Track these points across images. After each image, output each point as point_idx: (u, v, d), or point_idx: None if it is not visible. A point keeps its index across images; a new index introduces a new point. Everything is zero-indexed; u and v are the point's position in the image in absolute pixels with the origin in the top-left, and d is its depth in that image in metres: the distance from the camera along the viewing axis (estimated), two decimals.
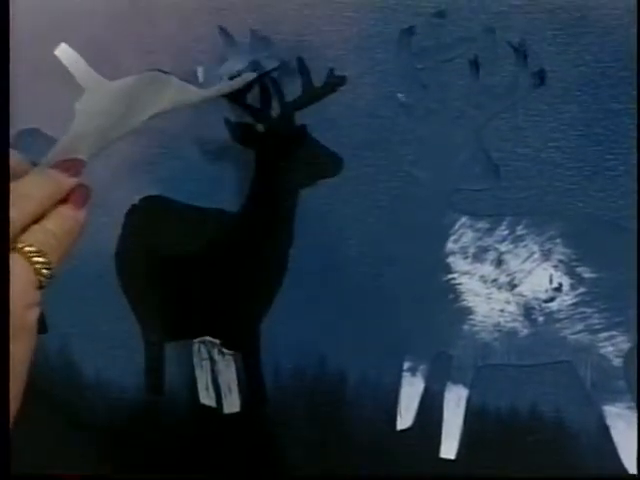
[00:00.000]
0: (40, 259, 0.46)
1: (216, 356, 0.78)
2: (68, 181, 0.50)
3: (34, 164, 0.50)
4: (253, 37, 0.72)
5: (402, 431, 0.76)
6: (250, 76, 0.70)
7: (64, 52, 0.51)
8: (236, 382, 0.78)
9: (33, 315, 0.46)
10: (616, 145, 0.70)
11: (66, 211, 0.49)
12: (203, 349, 0.78)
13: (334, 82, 0.72)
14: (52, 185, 0.49)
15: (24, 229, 0.46)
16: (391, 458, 0.76)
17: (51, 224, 0.48)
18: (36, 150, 0.51)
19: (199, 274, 0.78)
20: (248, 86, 0.72)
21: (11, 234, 0.45)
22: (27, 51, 0.72)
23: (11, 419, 0.46)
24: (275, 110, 0.74)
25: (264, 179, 0.75)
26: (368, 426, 0.76)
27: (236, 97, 0.73)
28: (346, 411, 0.76)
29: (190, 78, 0.63)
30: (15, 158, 0.49)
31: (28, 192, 0.47)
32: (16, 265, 0.45)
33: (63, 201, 0.49)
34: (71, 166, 0.50)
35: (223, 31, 0.73)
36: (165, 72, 0.57)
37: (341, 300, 0.75)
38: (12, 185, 0.47)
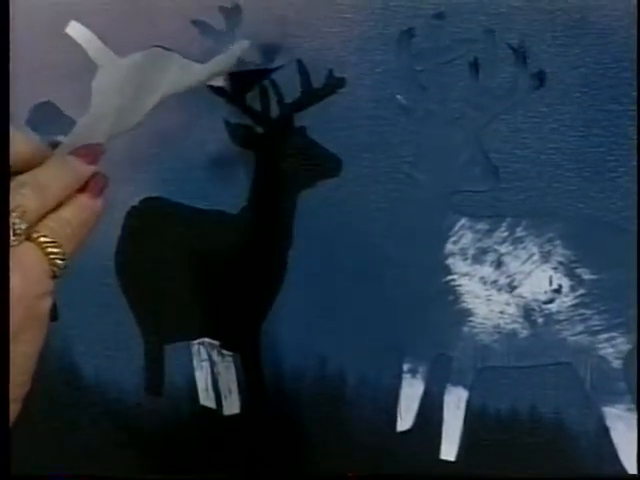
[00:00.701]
0: (55, 249, 0.46)
1: (216, 357, 0.78)
2: (86, 169, 0.49)
3: (53, 145, 0.50)
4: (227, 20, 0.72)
5: (402, 433, 0.75)
6: (244, 44, 0.69)
7: (75, 29, 0.51)
8: (236, 383, 0.78)
9: (46, 304, 0.46)
10: (616, 146, 0.70)
11: (83, 200, 0.49)
12: (203, 350, 0.78)
13: (333, 84, 0.72)
14: (71, 174, 0.48)
15: (40, 219, 0.46)
16: (391, 459, 0.76)
17: (67, 213, 0.47)
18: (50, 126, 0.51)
19: (198, 275, 0.78)
20: (248, 87, 0.73)
21: (27, 223, 0.44)
22: (27, 51, 0.73)
23: (19, 405, 0.46)
24: (274, 112, 0.74)
25: (263, 181, 0.75)
26: (368, 427, 0.76)
27: (235, 98, 0.73)
28: (346, 412, 0.76)
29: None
30: (33, 143, 0.49)
31: (47, 182, 0.46)
32: (30, 255, 0.45)
33: (80, 189, 0.49)
34: (90, 153, 0.50)
35: (200, 24, 0.73)
36: (167, 48, 0.57)
37: (341, 301, 0.75)
38: (31, 174, 0.47)
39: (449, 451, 0.75)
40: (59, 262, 0.46)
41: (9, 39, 0.51)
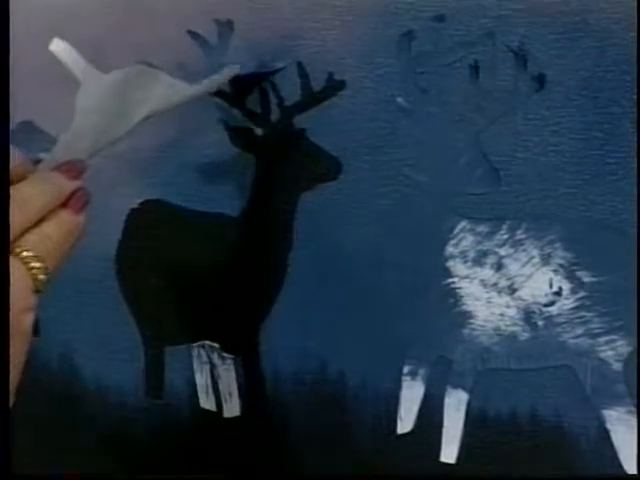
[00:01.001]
0: (37, 264, 0.46)
1: (216, 360, 0.78)
2: (69, 185, 0.50)
3: (36, 162, 0.50)
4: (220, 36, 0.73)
5: (402, 435, 0.75)
6: (234, 69, 0.69)
7: (58, 46, 0.51)
8: (236, 386, 0.78)
9: (29, 319, 0.46)
10: (616, 149, 0.70)
11: (65, 215, 0.49)
12: (203, 353, 0.78)
13: (333, 86, 0.72)
14: (54, 190, 0.49)
15: (22, 233, 0.46)
16: (391, 462, 0.76)
17: (49, 228, 0.48)
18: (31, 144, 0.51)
19: (199, 278, 0.78)
20: (247, 90, 0.73)
21: (10, 239, 0.45)
22: (27, 51, 0.73)
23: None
24: (274, 114, 0.74)
25: (263, 183, 0.75)
26: (368, 430, 0.76)
27: (235, 101, 0.73)
28: (346, 415, 0.76)
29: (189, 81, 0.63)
30: (19, 158, 0.49)
31: (30, 197, 0.47)
32: (13, 270, 0.45)
33: (63, 205, 0.49)
34: (73, 169, 0.50)
35: (194, 34, 0.73)
36: (152, 66, 0.57)
37: (341, 304, 0.75)
38: (15, 188, 0.47)
39: (449, 454, 0.75)
40: (41, 277, 0.46)
41: (9, 39, 0.52)
